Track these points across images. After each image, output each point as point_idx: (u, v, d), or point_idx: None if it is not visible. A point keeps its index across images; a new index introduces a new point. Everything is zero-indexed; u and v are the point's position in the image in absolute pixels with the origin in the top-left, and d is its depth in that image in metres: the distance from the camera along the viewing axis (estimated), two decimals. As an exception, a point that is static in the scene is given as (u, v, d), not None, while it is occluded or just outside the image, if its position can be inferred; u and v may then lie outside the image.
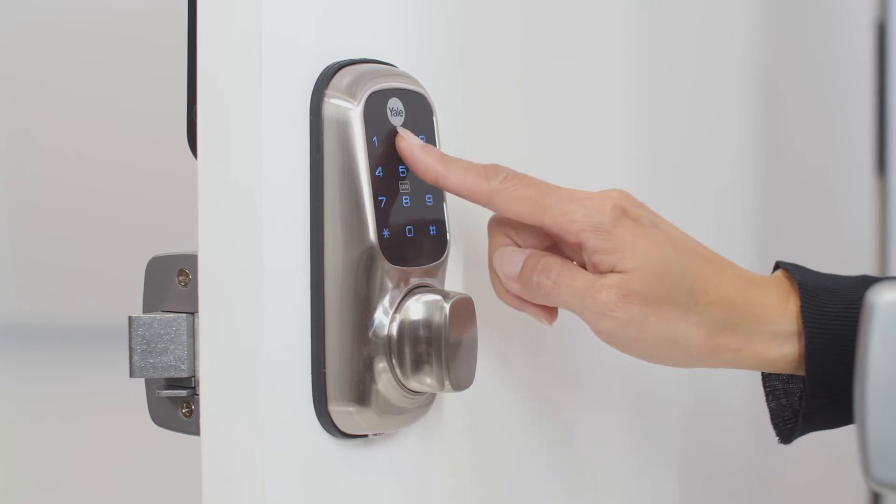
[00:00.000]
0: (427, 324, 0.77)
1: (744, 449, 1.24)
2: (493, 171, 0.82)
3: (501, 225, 0.85)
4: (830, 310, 0.86)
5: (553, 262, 0.84)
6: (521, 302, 0.85)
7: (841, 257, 1.48)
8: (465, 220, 0.85)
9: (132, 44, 1.71)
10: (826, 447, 1.07)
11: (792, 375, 0.90)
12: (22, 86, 1.76)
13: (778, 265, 0.91)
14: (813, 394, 0.87)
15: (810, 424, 0.90)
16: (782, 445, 0.92)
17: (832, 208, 1.47)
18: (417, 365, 0.77)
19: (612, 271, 0.83)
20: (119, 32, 1.72)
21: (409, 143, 0.79)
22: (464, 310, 0.78)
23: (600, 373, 1.02)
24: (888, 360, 0.77)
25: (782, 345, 0.87)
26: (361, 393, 0.76)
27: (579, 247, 0.83)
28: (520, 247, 0.85)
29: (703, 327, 0.85)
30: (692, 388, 1.14)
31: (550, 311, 0.86)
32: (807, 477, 1.34)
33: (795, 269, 0.89)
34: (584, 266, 0.85)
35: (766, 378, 0.91)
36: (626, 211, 0.84)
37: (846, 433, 0.94)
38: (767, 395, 0.92)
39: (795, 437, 0.91)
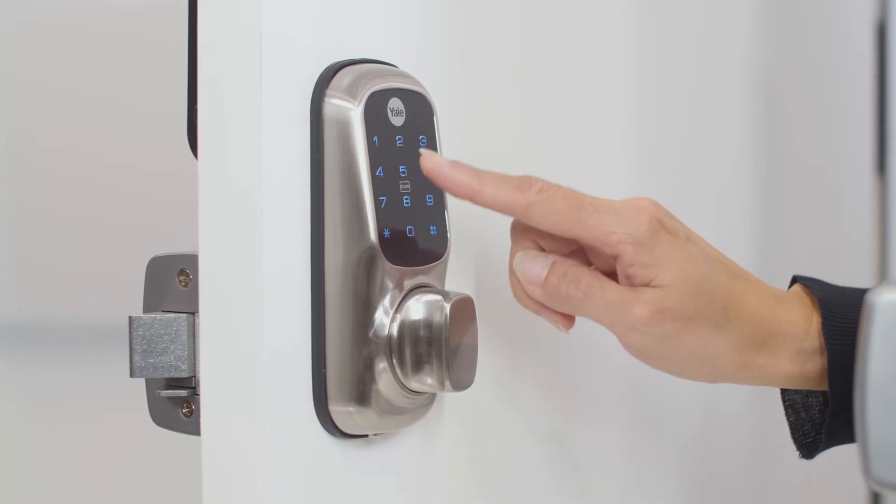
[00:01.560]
0: (427, 324, 0.77)
1: (743, 449, 1.24)
2: (527, 182, 0.80)
3: (526, 228, 0.84)
4: (851, 326, 0.86)
5: (582, 273, 0.82)
6: (540, 307, 0.84)
7: (841, 257, 1.48)
8: (465, 220, 0.85)
9: (132, 44, 1.71)
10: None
11: (810, 389, 0.90)
12: (22, 86, 1.76)
13: (795, 279, 0.91)
14: (836, 410, 0.88)
15: (833, 439, 0.90)
16: (782, 445, 0.92)
17: (832, 208, 1.47)
18: (418, 365, 0.77)
19: (647, 285, 0.82)
20: (119, 32, 1.73)
21: (434, 162, 0.77)
22: (464, 310, 0.78)
23: (601, 374, 1.02)
24: (888, 361, 0.77)
25: (805, 361, 0.87)
26: (362, 393, 0.76)
27: (615, 258, 0.82)
28: (543, 251, 0.84)
29: (733, 343, 0.85)
30: (692, 389, 1.14)
31: (569, 318, 0.85)
32: (807, 477, 1.34)
33: (814, 284, 0.89)
34: (610, 275, 0.84)
35: (785, 392, 0.92)
36: (663, 223, 0.83)
37: (846, 433, 0.94)
38: (787, 409, 0.92)
39: (818, 452, 0.91)
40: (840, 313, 0.87)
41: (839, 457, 0.98)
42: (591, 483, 1.02)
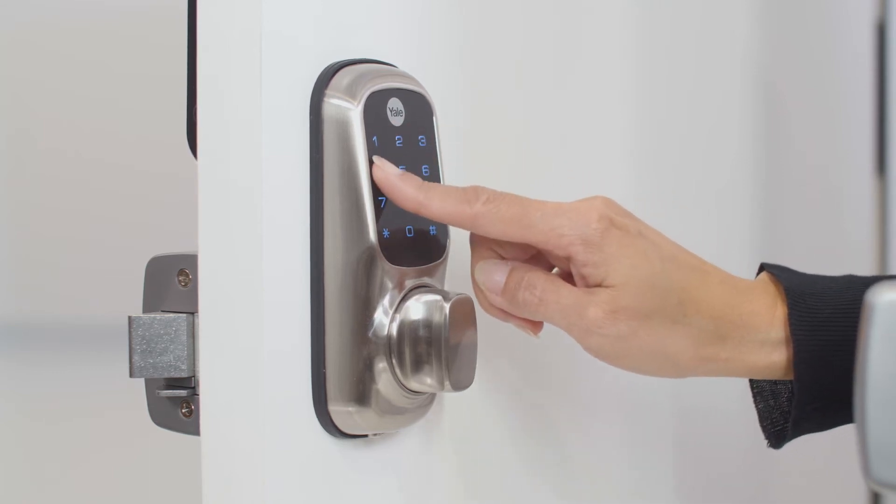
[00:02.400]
0: (427, 324, 0.77)
1: (743, 449, 1.24)
2: (473, 193, 0.80)
3: (485, 237, 0.83)
4: (817, 315, 0.85)
5: (537, 278, 0.82)
6: (506, 315, 0.84)
7: (841, 257, 1.48)
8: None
9: (132, 44, 1.71)
10: (826, 447, 1.07)
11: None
12: (22, 86, 1.76)
13: (763, 267, 0.90)
14: (802, 401, 0.87)
15: (800, 429, 0.89)
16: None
17: (832, 208, 1.47)
18: (417, 365, 0.76)
19: (600, 285, 0.82)
20: (119, 32, 1.72)
21: (385, 172, 0.77)
22: (464, 310, 0.78)
23: (599, 373, 1.02)
24: (888, 360, 0.77)
25: (771, 352, 0.86)
26: (361, 393, 0.76)
27: (568, 260, 0.82)
28: (503, 258, 0.83)
29: (691, 339, 0.84)
30: (690, 388, 1.14)
31: (536, 324, 0.85)
32: (806, 477, 1.34)
33: (780, 272, 0.88)
34: (568, 275, 0.83)
35: (753, 379, 0.91)
36: (613, 221, 0.82)
37: (846, 433, 0.94)
38: (755, 396, 0.91)
39: (786, 443, 0.91)
40: (807, 302, 0.86)
41: (839, 457, 0.98)
42: (591, 483, 1.02)
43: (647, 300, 0.82)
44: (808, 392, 0.86)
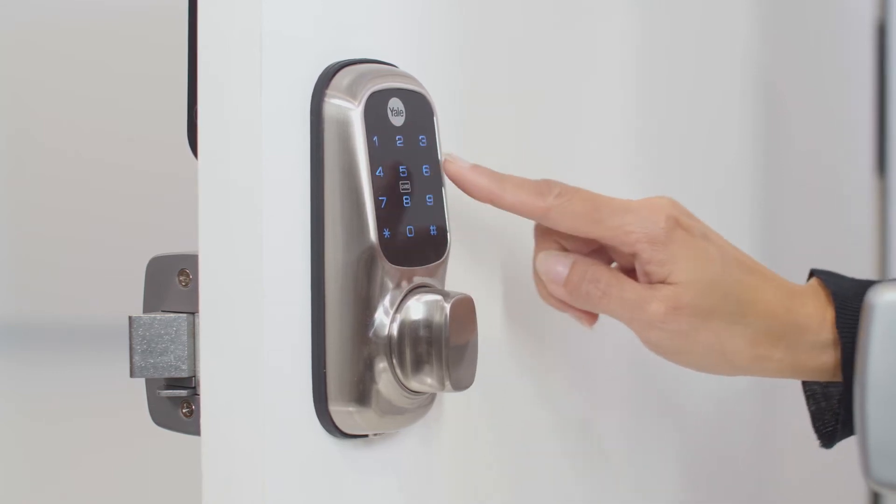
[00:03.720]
0: (427, 324, 0.77)
1: (743, 449, 1.24)
2: (546, 186, 0.83)
3: (549, 229, 0.86)
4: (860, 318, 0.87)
5: (602, 272, 0.85)
6: (563, 305, 0.87)
7: (841, 257, 1.48)
8: (465, 220, 0.85)
9: (132, 44, 1.71)
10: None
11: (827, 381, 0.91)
12: (22, 86, 1.76)
13: (812, 273, 0.92)
14: (850, 400, 0.88)
15: (849, 428, 0.91)
16: (782, 445, 0.93)
17: (832, 208, 1.47)
18: (418, 365, 0.76)
19: (663, 282, 0.84)
20: (119, 32, 1.72)
21: (458, 165, 0.80)
22: (464, 310, 0.78)
23: (601, 373, 1.02)
24: (888, 360, 0.77)
25: (820, 354, 0.89)
26: (362, 393, 0.76)
27: (633, 256, 0.85)
28: (565, 250, 0.86)
29: (748, 338, 0.87)
30: (692, 389, 1.14)
31: (592, 316, 0.88)
32: (807, 477, 1.34)
33: (829, 277, 0.91)
34: (630, 272, 0.86)
35: (806, 383, 0.93)
36: (679, 221, 0.85)
37: (846, 433, 0.94)
38: (807, 399, 0.93)
39: (837, 442, 0.93)
40: (853, 305, 0.88)
41: (839, 457, 0.98)
42: (590, 483, 1.02)
43: (708, 299, 0.85)
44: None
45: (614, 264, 0.88)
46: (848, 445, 0.90)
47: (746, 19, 1.26)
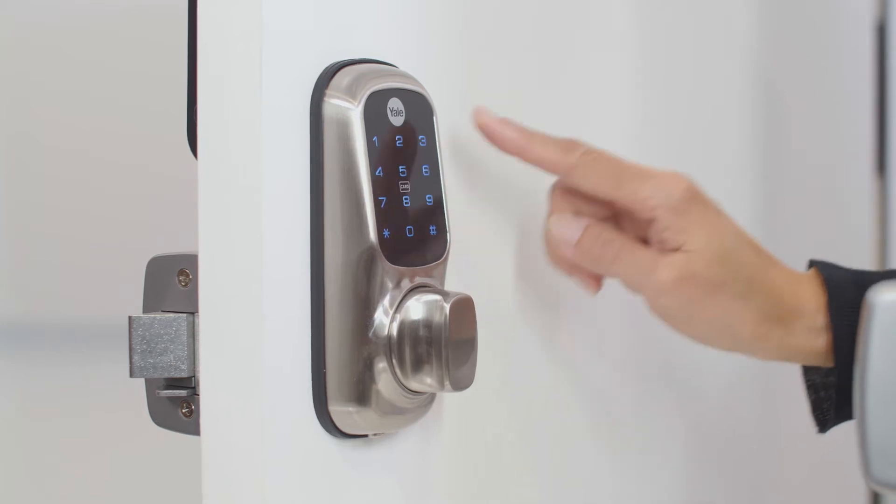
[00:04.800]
0: (427, 324, 0.77)
1: (744, 448, 1.24)
2: (572, 144, 0.85)
3: (565, 192, 0.88)
4: (855, 306, 0.89)
5: (615, 236, 0.87)
6: (571, 268, 0.89)
7: (841, 257, 1.47)
8: (465, 220, 0.85)
9: (132, 44, 1.71)
10: (826, 447, 1.07)
11: (829, 371, 0.93)
12: (22, 86, 1.76)
13: (811, 263, 0.95)
14: (841, 385, 0.91)
15: (842, 413, 0.94)
16: (781, 445, 0.93)
17: (832, 208, 1.47)
18: (417, 365, 0.76)
19: (677, 250, 0.86)
20: (119, 32, 1.72)
21: (488, 117, 0.82)
22: (464, 310, 0.78)
23: (600, 373, 1.02)
24: (888, 360, 0.77)
25: (815, 338, 0.91)
26: (361, 393, 0.76)
27: (649, 222, 0.87)
28: (579, 213, 0.88)
29: (753, 314, 0.89)
30: (693, 387, 1.14)
31: (597, 281, 0.90)
32: (807, 477, 1.34)
33: (824, 266, 0.93)
34: (640, 240, 0.88)
35: (806, 373, 0.95)
36: (697, 194, 0.88)
37: (845, 433, 0.94)
38: (808, 388, 0.96)
39: (830, 427, 0.95)
40: (846, 294, 0.91)
41: (839, 457, 0.98)
42: (590, 483, 1.02)
43: (718, 271, 0.87)
44: (846, 375, 0.90)
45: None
46: (848, 446, 0.90)
47: (746, 19, 1.26)
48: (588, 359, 1.00)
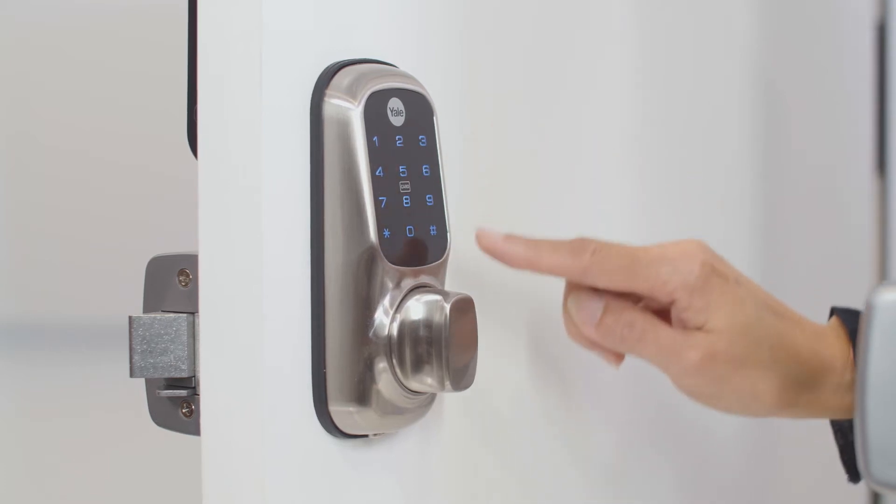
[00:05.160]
0: (427, 324, 0.77)
1: (744, 449, 1.24)
2: (581, 246, 0.84)
3: None
4: None
5: (637, 316, 0.86)
6: (594, 345, 0.89)
7: (841, 257, 1.48)
8: (465, 220, 0.85)
9: (132, 44, 1.71)
10: (826, 447, 1.07)
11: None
12: (22, 86, 1.76)
13: (833, 311, 0.94)
14: None
15: None
16: (781, 445, 0.93)
17: (832, 208, 1.47)
18: (418, 365, 0.76)
19: (699, 329, 0.86)
20: (119, 32, 1.72)
21: (491, 239, 0.82)
22: (464, 310, 0.78)
23: (601, 374, 1.02)
24: (888, 360, 0.77)
25: (844, 395, 0.91)
26: (362, 393, 0.76)
27: (670, 304, 0.86)
28: (596, 289, 0.87)
29: (779, 383, 0.89)
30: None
31: (620, 356, 0.90)
32: (807, 477, 1.34)
33: (847, 316, 0.93)
34: (660, 313, 0.87)
35: (833, 420, 0.95)
36: (715, 269, 0.87)
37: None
38: (835, 433, 0.96)
39: (862, 479, 0.94)
40: None
41: (839, 457, 0.98)
42: (590, 483, 1.02)
43: (741, 346, 0.87)
44: None
45: (642, 304, 0.89)
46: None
47: (746, 19, 1.26)
48: (588, 358, 1.00)
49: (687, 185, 1.15)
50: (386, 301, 0.77)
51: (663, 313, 0.88)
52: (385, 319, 0.77)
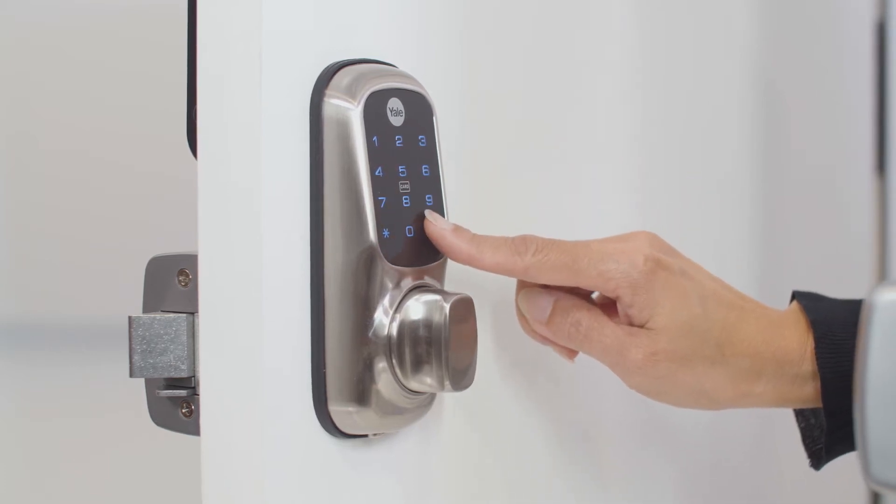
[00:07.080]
0: (427, 324, 0.77)
1: (743, 448, 1.24)
2: (523, 244, 0.83)
3: None
4: (842, 346, 0.88)
5: (583, 315, 0.85)
6: (546, 340, 0.88)
7: (841, 258, 1.48)
8: (465, 221, 0.85)
9: (132, 44, 1.71)
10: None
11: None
12: (22, 86, 1.76)
13: (794, 295, 0.92)
14: (831, 428, 0.90)
15: (834, 452, 0.92)
16: (781, 445, 0.93)
17: (832, 208, 1.47)
18: (417, 365, 0.76)
19: (643, 326, 0.85)
20: (119, 32, 1.72)
21: (439, 227, 0.80)
22: (464, 310, 0.78)
23: (600, 374, 1.02)
24: (888, 360, 0.77)
25: (802, 385, 0.89)
26: (361, 393, 0.76)
27: (615, 300, 0.85)
28: (547, 286, 0.86)
29: (729, 377, 0.87)
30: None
31: (573, 351, 0.89)
32: (806, 477, 1.34)
33: (809, 302, 0.91)
34: (610, 304, 0.87)
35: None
36: (659, 262, 0.85)
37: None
38: (797, 415, 0.94)
39: (823, 465, 0.94)
40: (833, 334, 0.89)
41: (839, 457, 0.98)
42: (590, 482, 1.02)
43: (686, 343, 0.86)
44: (836, 419, 0.89)
45: (595, 294, 0.88)
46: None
47: (746, 19, 1.26)
48: (588, 358, 1.00)
49: (687, 185, 1.15)
50: (385, 301, 0.77)
51: (615, 306, 0.87)
52: (385, 319, 0.77)
